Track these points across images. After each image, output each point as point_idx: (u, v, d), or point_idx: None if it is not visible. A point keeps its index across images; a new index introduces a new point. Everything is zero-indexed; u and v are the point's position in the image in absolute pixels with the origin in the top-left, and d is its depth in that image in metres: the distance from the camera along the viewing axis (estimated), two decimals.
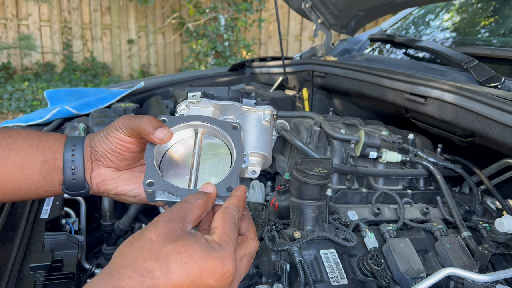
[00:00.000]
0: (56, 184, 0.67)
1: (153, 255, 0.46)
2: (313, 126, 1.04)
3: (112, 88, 1.86)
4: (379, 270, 0.77)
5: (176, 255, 0.47)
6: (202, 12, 6.56)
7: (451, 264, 0.81)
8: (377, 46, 1.91)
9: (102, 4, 6.69)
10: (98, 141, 0.67)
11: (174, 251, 0.47)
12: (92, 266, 1.13)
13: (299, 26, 7.55)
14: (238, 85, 2.08)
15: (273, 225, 0.86)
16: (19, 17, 6.33)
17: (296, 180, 0.85)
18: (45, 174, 0.66)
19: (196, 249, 0.48)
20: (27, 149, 0.65)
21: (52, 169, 0.66)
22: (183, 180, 0.63)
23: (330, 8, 1.77)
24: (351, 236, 0.83)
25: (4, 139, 0.65)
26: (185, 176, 0.63)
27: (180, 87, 1.89)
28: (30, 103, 5.47)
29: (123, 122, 0.64)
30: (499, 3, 1.67)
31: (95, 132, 0.79)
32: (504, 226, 0.79)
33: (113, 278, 0.44)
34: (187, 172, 0.63)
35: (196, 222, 0.54)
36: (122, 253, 0.47)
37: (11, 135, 0.66)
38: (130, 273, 0.45)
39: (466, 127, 0.97)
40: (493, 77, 1.13)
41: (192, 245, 0.48)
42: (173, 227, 0.49)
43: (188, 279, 0.47)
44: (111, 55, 6.89)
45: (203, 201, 0.55)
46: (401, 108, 1.22)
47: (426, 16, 1.95)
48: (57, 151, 0.67)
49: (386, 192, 0.98)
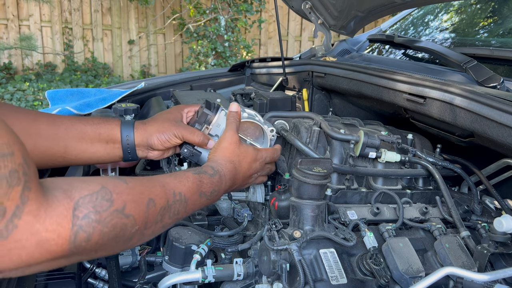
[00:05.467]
0: (117, 158, 0.97)
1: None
2: (313, 126, 1.05)
3: (113, 88, 1.86)
4: (379, 270, 0.77)
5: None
6: (203, 13, 6.57)
7: (450, 263, 0.81)
8: (377, 47, 1.92)
9: (103, 4, 6.70)
10: (159, 140, 0.97)
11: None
12: (93, 265, 1.14)
13: (298, 27, 7.56)
14: (238, 86, 2.08)
15: (273, 224, 0.87)
16: (20, 17, 6.34)
17: (295, 180, 0.86)
18: (109, 151, 0.94)
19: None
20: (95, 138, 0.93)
21: (113, 148, 0.95)
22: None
23: (329, 9, 1.77)
24: (350, 236, 0.83)
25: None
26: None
27: (180, 88, 1.89)
28: (31, 104, 5.48)
29: (181, 132, 0.98)
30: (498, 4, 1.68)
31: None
32: (503, 226, 0.79)
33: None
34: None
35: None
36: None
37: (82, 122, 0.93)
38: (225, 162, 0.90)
39: (465, 127, 0.98)
40: (492, 78, 1.14)
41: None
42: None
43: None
44: (111, 55, 6.90)
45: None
46: (400, 108, 1.22)
47: (425, 17, 1.96)
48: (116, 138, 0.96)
49: (385, 191, 0.99)
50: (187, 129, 0.99)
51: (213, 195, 0.82)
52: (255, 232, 1.09)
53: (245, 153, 0.93)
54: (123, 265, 1.16)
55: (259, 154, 0.96)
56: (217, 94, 1.74)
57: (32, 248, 0.49)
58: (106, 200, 0.57)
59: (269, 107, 1.44)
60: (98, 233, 0.55)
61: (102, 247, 0.58)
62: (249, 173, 0.95)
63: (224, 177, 0.86)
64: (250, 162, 0.94)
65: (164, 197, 0.69)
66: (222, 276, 0.93)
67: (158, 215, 0.67)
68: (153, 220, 0.66)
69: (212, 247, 1.04)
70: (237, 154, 0.92)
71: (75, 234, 0.53)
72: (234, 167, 0.90)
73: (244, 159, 0.93)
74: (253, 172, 0.96)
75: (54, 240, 0.51)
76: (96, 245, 0.56)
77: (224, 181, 0.86)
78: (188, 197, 0.74)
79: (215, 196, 0.84)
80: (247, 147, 0.95)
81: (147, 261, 1.09)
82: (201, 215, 1.16)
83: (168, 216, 0.70)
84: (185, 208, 0.74)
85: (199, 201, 0.79)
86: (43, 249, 0.50)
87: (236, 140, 0.93)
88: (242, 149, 0.93)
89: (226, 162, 0.89)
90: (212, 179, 0.82)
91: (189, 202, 0.75)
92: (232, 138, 0.93)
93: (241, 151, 0.93)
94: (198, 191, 0.78)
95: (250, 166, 0.94)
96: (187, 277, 0.91)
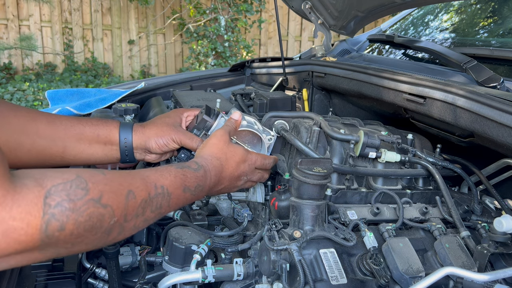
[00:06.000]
0: (114, 159, 0.98)
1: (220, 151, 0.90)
2: (313, 126, 1.05)
3: (113, 88, 1.86)
4: (379, 270, 0.77)
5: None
6: (203, 13, 6.56)
7: (450, 263, 0.81)
8: (377, 47, 1.92)
9: (102, 4, 6.70)
10: (156, 144, 0.98)
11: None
12: (93, 265, 1.14)
13: (298, 27, 7.56)
14: (238, 86, 2.08)
15: (273, 224, 0.87)
16: (20, 17, 6.34)
17: (295, 180, 0.86)
18: (106, 152, 0.95)
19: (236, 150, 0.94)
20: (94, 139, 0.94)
21: (110, 150, 0.96)
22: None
23: (329, 9, 1.77)
24: (350, 236, 0.83)
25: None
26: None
27: (180, 88, 1.89)
28: (31, 104, 5.47)
29: (179, 137, 0.99)
30: (498, 4, 1.68)
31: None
32: (503, 226, 0.79)
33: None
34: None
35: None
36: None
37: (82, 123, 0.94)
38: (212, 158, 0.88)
39: (465, 127, 0.98)
40: (492, 78, 1.14)
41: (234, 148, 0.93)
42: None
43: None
44: (111, 55, 6.90)
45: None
46: (400, 108, 1.22)
47: (425, 17, 1.96)
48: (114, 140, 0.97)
49: (385, 191, 0.99)
50: (186, 135, 0.99)
51: (197, 190, 0.80)
52: (255, 232, 1.09)
53: (233, 152, 0.91)
54: (123, 265, 1.16)
55: (248, 155, 0.94)
56: (217, 94, 1.74)
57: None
58: (81, 189, 0.55)
59: (269, 107, 1.44)
60: (72, 222, 0.53)
61: (79, 239, 0.55)
62: (237, 173, 0.92)
63: (209, 172, 0.84)
64: (238, 162, 0.92)
65: (145, 190, 0.67)
66: (222, 276, 0.93)
67: (139, 208, 0.65)
68: (134, 212, 0.64)
69: (212, 247, 1.04)
70: (225, 152, 0.90)
71: (46, 223, 0.50)
72: (220, 164, 0.88)
73: (232, 157, 0.91)
74: (241, 174, 0.93)
75: (23, 229, 0.48)
76: (71, 236, 0.54)
77: (209, 176, 0.84)
78: (171, 191, 0.73)
79: (199, 191, 0.81)
80: (237, 147, 0.93)
81: (147, 261, 1.09)
82: (201, 215, 1.16)
83: (150, 209, 0.68)
84: (168, 203, 0.72)
85: (183, 196, 0.77)
86: (10, 238, 0.47)
87: (226, 139, 0.92)
88: (230, 147, 0.92)
89: (212, 158, 0.88)
90: (197, 174, 0.80)
91: (172, 196, 0.73)
92: (221, 136, 0.92)
93: (229, 149, 0.91)
94: (181, 186, 0.76)
95: (238, 166, 0.92)
96: (187, 277, 0.91)
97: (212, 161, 0.87)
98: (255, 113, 1.39)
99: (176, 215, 1.18)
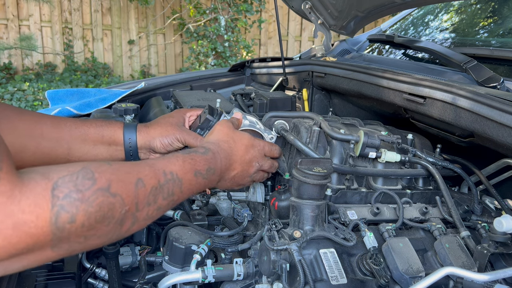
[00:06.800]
0: (119, 160, 0.96)
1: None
2: (313, 126, 1.05)
3: (113, 88, 1.86)
4: (379, 270, 0.77)
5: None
6: (203, 13, 6.56)
7: (450, 263, 0.81)
8: (377, 47, 1.92)
9: (102, 4, 6.70)
10: (161, 144, 0.98)
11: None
12: (93, 265, 1.14)
13: (298, 27, 7.56)
14: (238, 86, 2.08)
15: (273, 224, 0.87)
16: (20, 17, 6.34)
17: (295, 180, 0.86)
18: (111, 153, 0.95)
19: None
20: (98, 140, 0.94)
21: (115, 150, 0.96)
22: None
23: (329, 9, 1.77)
24: (350, 236, 0.83)
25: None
26: None
27: (180, 88, 1.89)
28: (31, 104, 5.48)
29: (184, 136, 0.99)
30: (498, 4, 1.68)
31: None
32: (503, 226, 0.79)
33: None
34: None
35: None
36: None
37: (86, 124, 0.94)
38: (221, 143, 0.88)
39: (465, 127, 0.98)
40: (492, 78, 1.14)
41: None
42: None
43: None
44: (111, 55, 6.90)
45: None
46: (400, 108, 1.22)
47: (425, 17, 1.96)
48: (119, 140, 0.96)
49: (385, 191, 0.99)
50: (190, 134, 1.00)
51: (209, 173, 0.79)
52: (255, 232, 1.09)
53: (240, 136, 0.92)
54: (123, 265, 1.16)
55: (256, 141, 0.94)
56: (217, 94, 1.74)
57: (9, 231, 0.46)
58: (88, 179, 0.54)
59: (269, 107, 1.44)
60: (82, 213, 0.52)
61: (92, 232, 0.54)
62: (247, 157, 0.91)
63: (218, 154, 0.84)
64: (247, 146, 0.91)
65: (154, 177, 0.66)
66: (222, 276, 0.93)
67: (150, 196, 0.64)
68: (145, 201, 0.63)
69: (212, 247, 1.04)
70: (231, 136, 0.90)
71: (56, 215, 0.49)
72: (229, 146, 0.88)
73: (240, 141, 0.91)
74: (252, 158, 0.92)
75: (33, 222, 0.48)
76: (83, 228, 0.53)
77: (219, 158, 0.83)
78: (181, 176, 0.71)
79: (211, 175, 0.80)
80: (243, 133, 0.94)
81: (147, 261, 1.09)
82: (201, 215, 1.16)
83: (162, 197, 0.67)
84: (180, 188, 0.71)
85: (195, 181, 0.76)
86: (21, 231, 0.47)
87: (230, 126, 0.93)
88: (237, 132, 0.92)
89: (220, 141, 0.87)
90: (206, 157, 0.80)
91: (183, 182, 0.72)
92: (226, 123, 0.93)
93: (235, 134, 0.91)
94: (192, 170, 0.75)
95: (247, 150, 0.91)
96: (187, 277, 0.91)
97: (220, 144, 0.86)
98: (255, 113, 1.39)
99: (176, 215, 1.18)
